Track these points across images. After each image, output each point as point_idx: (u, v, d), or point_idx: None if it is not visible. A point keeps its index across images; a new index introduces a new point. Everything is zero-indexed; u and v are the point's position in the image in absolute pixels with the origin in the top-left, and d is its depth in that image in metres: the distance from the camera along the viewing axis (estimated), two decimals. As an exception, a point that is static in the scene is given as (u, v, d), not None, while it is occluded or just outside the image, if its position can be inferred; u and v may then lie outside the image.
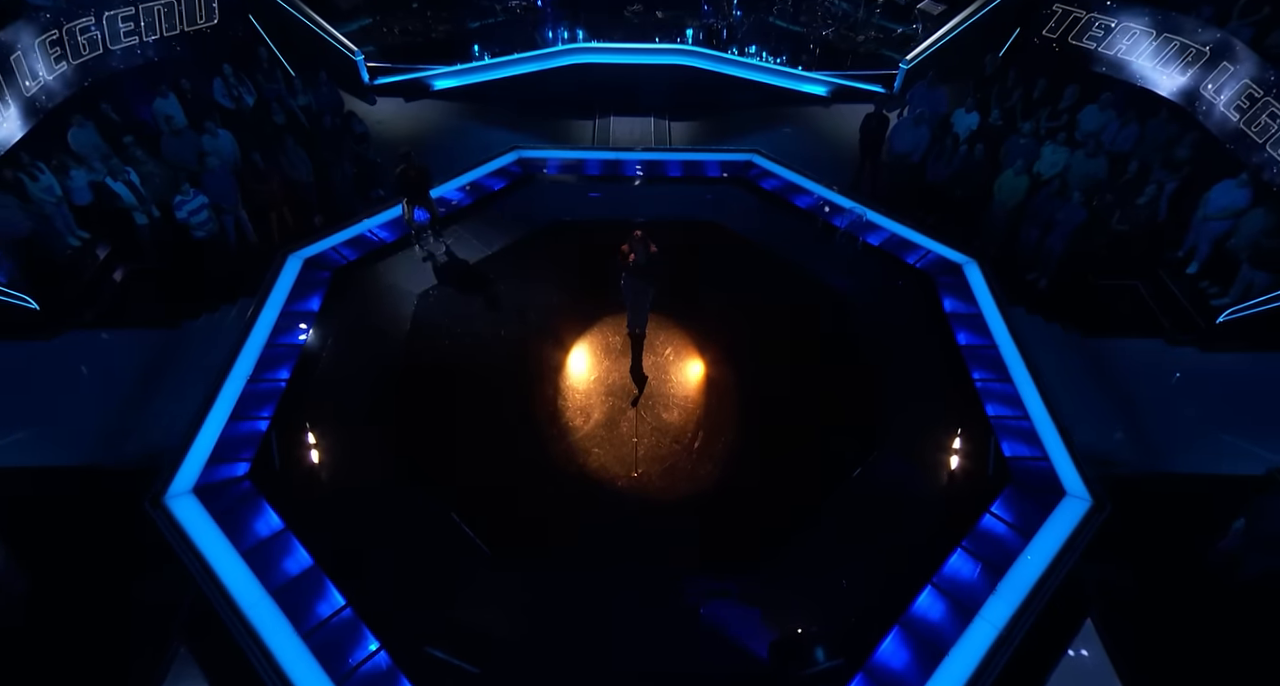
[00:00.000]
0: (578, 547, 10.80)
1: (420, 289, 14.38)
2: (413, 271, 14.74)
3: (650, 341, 13.38)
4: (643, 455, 11.70)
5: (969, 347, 13.41)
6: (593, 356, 13.23)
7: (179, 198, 14.12)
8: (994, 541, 10.94)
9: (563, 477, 11.41)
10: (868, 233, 15.46)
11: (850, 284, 14.52)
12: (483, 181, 16.92)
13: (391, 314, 13.97)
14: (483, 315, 13.95)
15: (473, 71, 20.50)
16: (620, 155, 17.78)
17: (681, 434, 12.08)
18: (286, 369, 12.87)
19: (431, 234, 15.35)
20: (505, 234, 15.64)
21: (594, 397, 12.57)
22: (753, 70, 20.57)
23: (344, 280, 14.44)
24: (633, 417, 12.26)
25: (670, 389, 12.76)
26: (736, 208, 16.47)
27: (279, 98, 17.13)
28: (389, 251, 15.09)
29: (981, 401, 12.54)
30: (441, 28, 21.91)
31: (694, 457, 11.81)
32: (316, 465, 11.68)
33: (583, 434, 12.07)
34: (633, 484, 11.38)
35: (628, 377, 12.84)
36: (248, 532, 10.76)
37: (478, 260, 15.12)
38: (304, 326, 13.53)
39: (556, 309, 13.98)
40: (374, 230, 15.54)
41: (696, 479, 11.47)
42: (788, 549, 10.77)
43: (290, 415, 12.11)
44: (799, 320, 13.87)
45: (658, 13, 22.56)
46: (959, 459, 11.86)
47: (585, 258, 14.67)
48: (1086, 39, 19.01)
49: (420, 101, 20.41)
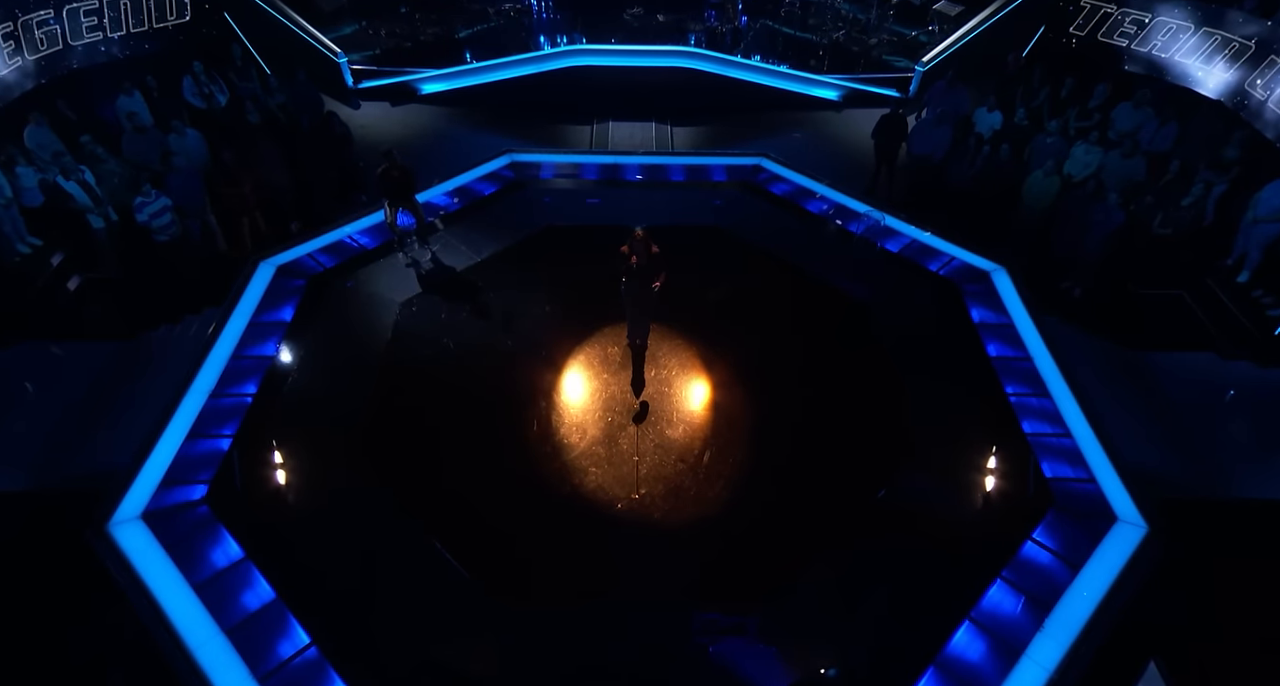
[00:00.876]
0: (572, 578, 9.99)
1: (403, 297, 13.76)
2: (395, 279, 14.13)
3: (652, 352, 12.70)
4: (645, 475, 10.96)
5: (1000, 359, 12.69)
6: (590, 369, 12.57)
7: (139, 199, 13.27)
8: (1038, 571, 10.04)
9: (557, 500, 10.68)
10: (886, 238, 14.89)
11: (868, 292, 13.94)
12: (472, 186, 16.34)
13: (371, 324, 13.30)
14: (471, 326, 13.34)
15: (463, 75, 19.88)
16: (619, 159, 17.20)
17: (687, 451, 11.31)
18: (253, 383, 12.07)
19: (416, 239, 14.76)
20: (496, 240, 15.07)
21: (591, 413, 11.86)
22: (759, 73, 19.99)
23: (320, 288, 13.76)
24: (633, 434, 11.51)
25: (674, 403, 12.05)
26: (745, 213, 15.97)
27: (254, 97, 16.40)
28: (370, 258, 14.47)
29: (1017, 417, 11.77)
30: (430, 31, 21.24)
31: (701, 477, 11.01)
32: (283, 488, 10.83)
33: (579, 452, 11.31)
34: (633, 506, 10.62)
35: (628, 391, 12.15)
36: (202, 563, 9.86)
37: (466, 267, 14.51)
38: (274, 337, 12.79)
39: (551, 319, 13.41)
40: (354, 236, 14.87)
41: (704, 500, 10.74)
42: (806, 578, 9.95)
43: (255, 433, 11.30)
44: (813, 330, 13.31)
45: (659, 16, 22.10)
46: (994, 479, 11.03)
47: (582, 265, 14.05)
48: (1118, 36, 18.39)
49: (407, 106, 19.77)
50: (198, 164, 14.65)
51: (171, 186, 13.86)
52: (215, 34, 18.51)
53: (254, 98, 16.30)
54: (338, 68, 19.37)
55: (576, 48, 19.86)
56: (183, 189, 14.02)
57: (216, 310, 12.96)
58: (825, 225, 15.32)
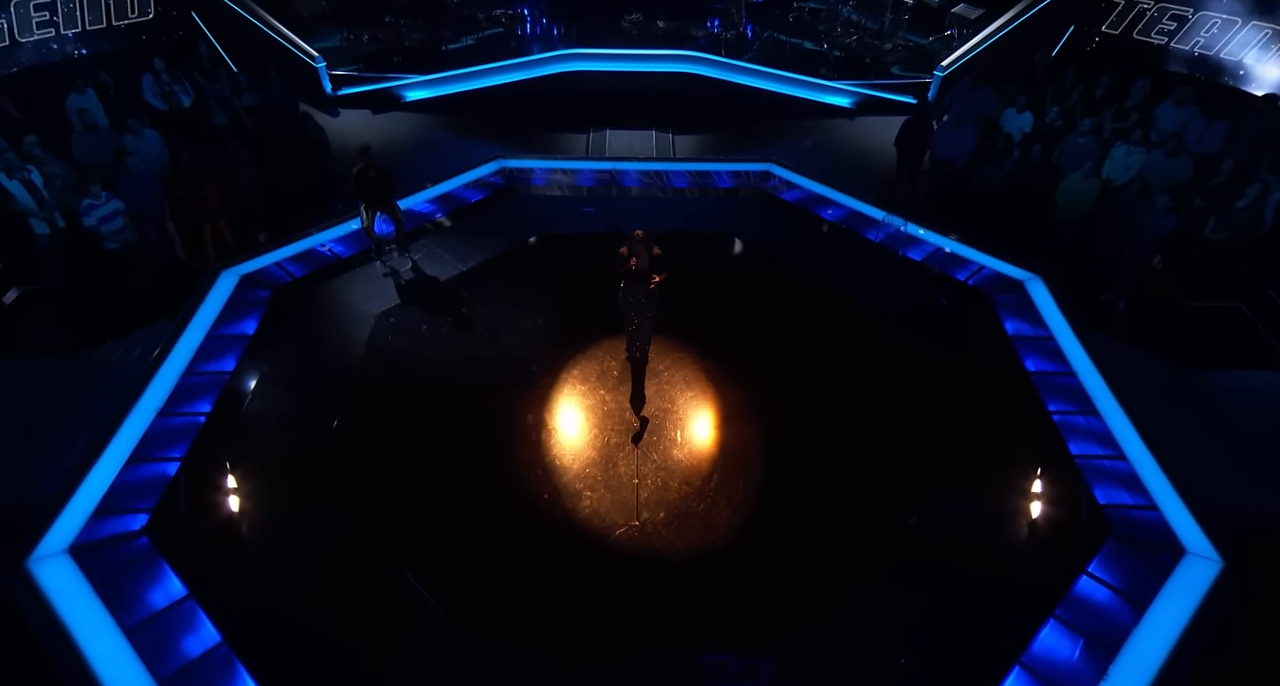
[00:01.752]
0: (564, 615, 9.07)
1: (379, 309, 13.09)
2: (372, 289, 13.49)
3: (654, 367, 11.99)
4: (646, 499, 10.13)
5: (1040, 375, 11.95)
6: (585, 384, 11.81)
7: (87, 201, 12.38)
8: (1097, 610, 9.09)
9: (548, 528, 9.85)
10: (908, 246, 14.38)
11: (891, 303, 13.35)
12: (458, 193, 15.78)
13: (343, 338, 12.58)
14: (454, 339, 12.65)
15: (450, 81, 19.26)
16: (618, 165, 16.61)
17: (692, 474, 10.49)
18: (208, 401, 11.22)
19: (396, 247, 14.15)
20: (483, 249, 14.49)
21: (586, 432, 11.08)
22: (767, 78, 19.37)
23: (287, 299, 13.10)
24: (633, 455, 10.72)
25: (678, 421, 11.26)
26: (753, 220, 15.51)
27: (222, 98, 15.55)
28: (344, 267, 13.94)
29: (1063, 437, 10.97)
30: (416, 37, 20.53)
31: (708, 502, 10.14)
32: (235, 517, 9.93)
33: (572, 475, 10.48)
34: (633, 535, 9.76)
35: (627, 409, 11.40)
36: (138, 602, 8.86)
37: (450, 277, 13.89)
38: (234, 352, 11.98)
39: (542, 332, 12.77)
40: (328, 244, 14.21)
41: (712, 528, 9.87)
42: (828, 618, 9.06)
43: (207, 456, 10.46)
44: (831, 343, 12.63)
45: (659, 22, 21.46)
46: (1041, 505, 10.19)
47: (576, 274, 13.61)
48: (1155, 33, 17.73)
49: (390, 114, 19.04)
50: (155, 167, 13.78)
51: (124, 189, 12.97)
52: (181, 34, 17.64)
53: (221, 99, 15.45)
54: (315, 73, 18.68)
55: (571, 52, 19.23)
56: (137, 192, 13.14)
57: (171, 324, 12.08)
58: (842, 234, 14.82)
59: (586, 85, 19.17)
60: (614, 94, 19.16)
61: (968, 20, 20.06)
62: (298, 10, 20.32)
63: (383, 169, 13.33)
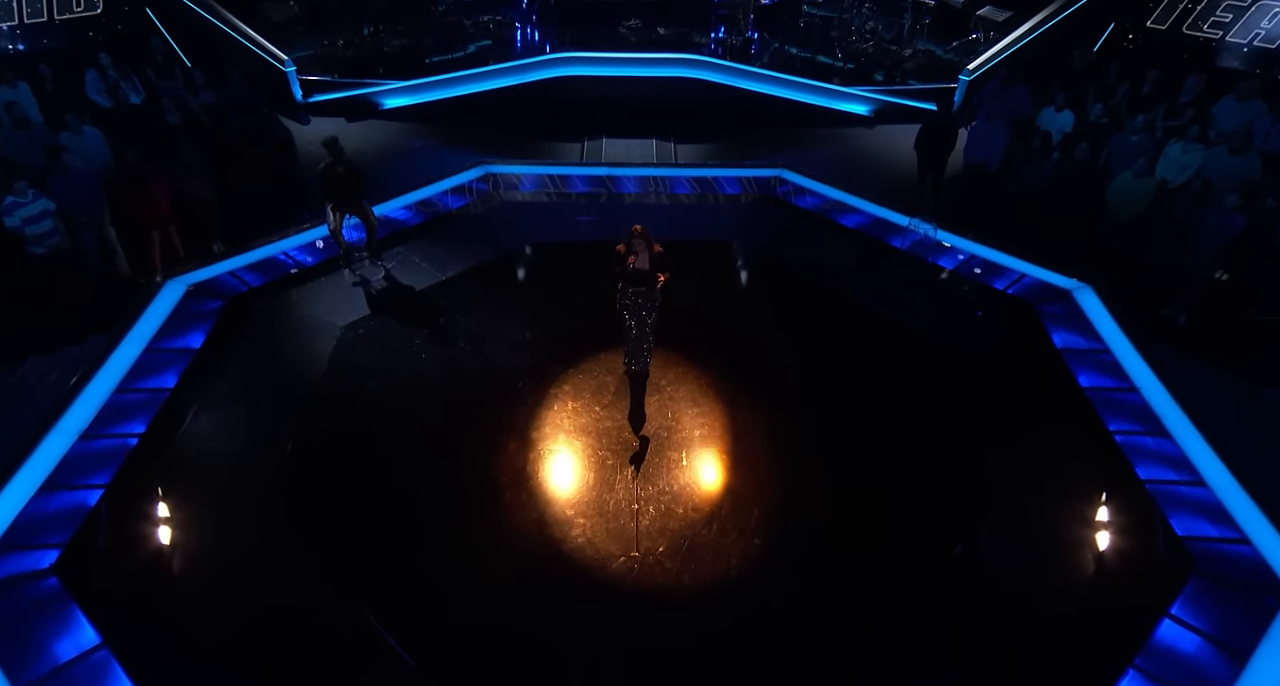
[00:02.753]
0: (552, 667, 8.17)
1: (346, 320, 12.35)
2: (338, 300, 12.77)
3: (656, 382, 11.27)
4: (647, 527, 9.33)
5: (1097, 391, 11.13)
6: (578, 400, 11.08)
7: (10, 198, 11.44)
8: (1185, 661, 8.07)
9: (533, 562, 9.06)
10: (937, 254, 13.80)
11: (920, 314, 12.70)
12: (439, 199, 15.16)
13: (304, 352, 11.85)
14: (431, 353, 11.96)
15: (432, 87, 18.46)
16: (614, 171, 16.05)
17: (700, 500, 9.71)
18: (141, 421, 10.27)
19: (367, 254, 13.47)
20: (464, 258, 13.82)
21: (579, 453, 10.35)
22: (777, 85, 18.58)
23: (241, 310, 12.31)
24: (632, 479, 9.96)
25: (683, 441, 10.49)
26: (764, 228, 14.92)
27: (176, 97, 14.71)
28: (308, 276, 13.18)
29: (1128, 459, 10.09)
30: (396, 43, 19.75)
31: (717, 532, 9.32)
32: (166, 552, 8.94)
33: (562, 500, 9.73)
34: (632, 568, 8.96)
35: (625, 427, 10.64)
36: (41, 652, 7.86)
37: (428, 287, 13.22)
38: (176, 367, 11.11)
39: (530, 344, 12.09)
40: (290, 252, 13.48)
41: (722, 560, 9.06)
42: (860, 669, 8.14)
43: (136, 483, 9.49)
44: (853, 358, 11.91)
45: (659, 29, 20.67)
46: (1109, 536, 9.25)
47: (568, 284, 13.14)
48: (1208, 27, 16.95)
49: (366, 122, 18.17)
50: (97, 167, 12.84)
51: (58, 189, 12.04)
52: (132, 30, 16.80)
53: (176, 97, 14.61)
54: (284, 78, 17.82)
55: (564, 55, 18.43)
56: (74, 193, 12.19)
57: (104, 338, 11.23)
58: (862, 241, 14.28)
59: (581, 91, 18.41)
60: (611, 100, 18.41)
61: (995, 23, 19.38)
62: (268, 15, 19.44)
63: (352, 165, 12.66)
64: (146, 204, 12.77)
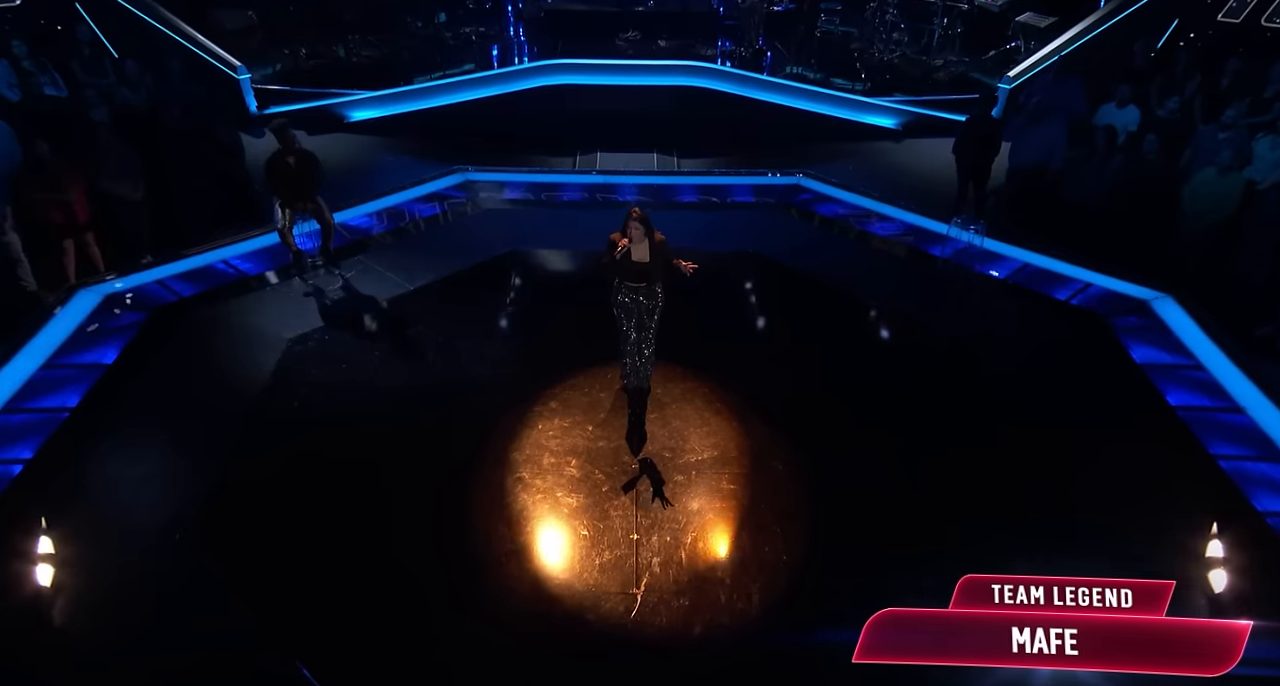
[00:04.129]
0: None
1: (294, 332, 11.75)
2: (286, 311, 12.22)
3: (658, 398, 10.62)
4: (649, 560, 8.56)
5: (1190, 410, 10.45)
6: (566, 418, 10.46)
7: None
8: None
9: (511, 599, 8.27)
10: (986, 262, 13.44)
11: (969, 328, 12.22)
12: (410, 208, 14.89)
13: (241, 367, 11.19)
14: (392, 368, 11.41)
15: (406, 98, 18.09)
16: (611, 179, 15.81)
17: (713, 530, 8.96)
18: (28, 445, 9.53)
19: (322, 259, 13.02)
20: (437, 267, 13.36)
21: (567, 477, 9.60)
22: (793, 95, 18.18)
23: (168, 322, 11.75)
24: (631, 505, 9.18)
25: (694, 464, 9.78)
26: (784, 237, 14.58)
27: (105, 91, 14.31)
28: (251, 286, 12.75)
29: (1240, 489, 9.31)
30: (366, 53, 19.22)
31: (734, 567, 8.52)
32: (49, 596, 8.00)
33: (547, 530, 8.96)
34: (632, 608, 8.14)
35: (622, 449, 9.95)
36: None
37: (393, 297, 12.73)
38: (81, 384, 10.42)
39: (509, 359, 11.58)
40: (232, 261, 13.02)
41: (737, 600, 8.24)
42: None
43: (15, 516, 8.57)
44: (893, 375, 11.31)
45: (660, 41, 20.17)
46: (1233, 581, 8.12)
47: (554, 294, 12.96)
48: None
49: (330, 136, 17.59)
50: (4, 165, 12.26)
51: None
52: (58, 22, 16.41)
53: (104, 91, 14.21)
54: (236, 86, 17.31)
55: (555, 62, 18.18)
56: (-32, 194, 11.49)
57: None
58: (897, 248, 14.10)
59: (573, 101, 18.07)
60: (607, 112, 18.04)
61: (1036, 29, 18.88)
62: (221, 24, 18.84)
63: (306, 154, 12.24)
64: (60, 207, 12.14)
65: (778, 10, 20.70)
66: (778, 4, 20.76)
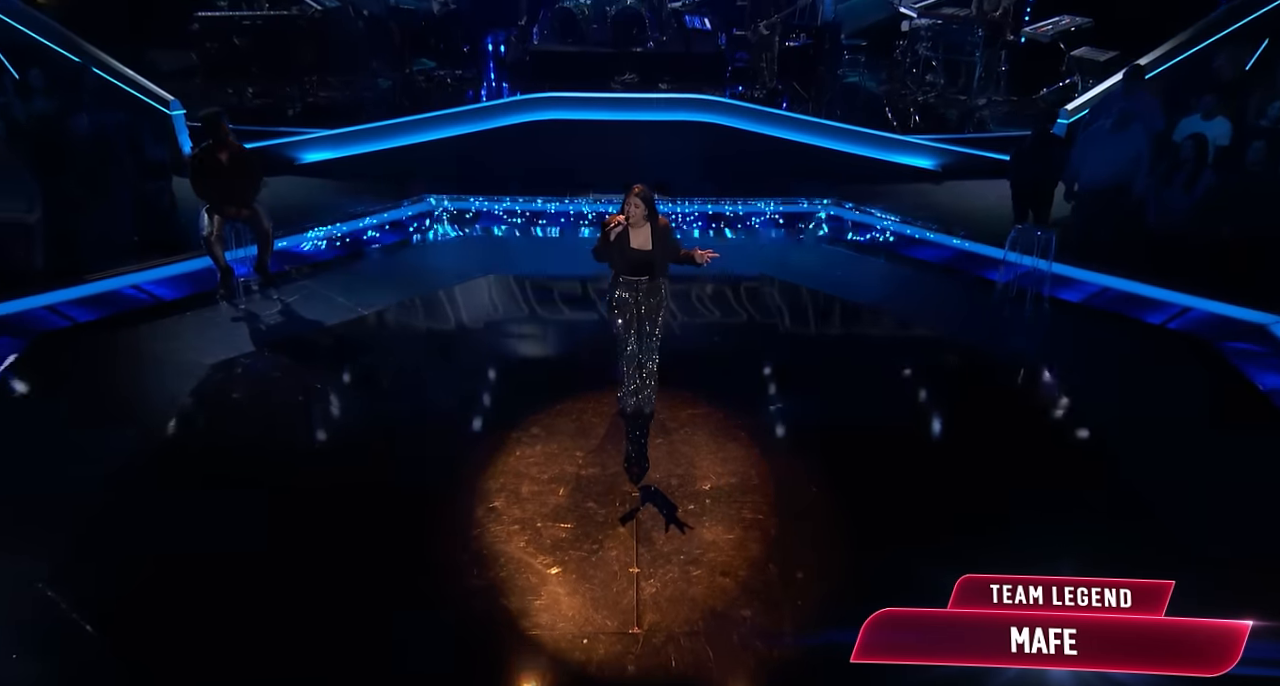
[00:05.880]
0: None
1: (216, 357, 11.41)
2: (208, 336, 11.89)
3: (663, 424, 10.24)
4: (654, 596, 8.09)
5: None
6: (550, 444, 10.08)
7: None
8: None
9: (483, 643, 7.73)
10: (1057, 287, 13.37)
11: (1039, 355, 12.25)
12: (369, 234, 14.95)
13: (143, 397, 10.79)
14: (336, 395, 11.16)
15: (365, 137, 17.66)
16: (602, 207, 15.58)
17: (728, 564, 8.47)
18: None
19: (258, 276, 12.61)
20: (397, 291, 13.33)
21: (550, 506, 9.16)
22: (813, 131, 17.90)
23: (54, 350, 11.51)
24: (630, 536, 8.79)
25: (703, 492, 9.39)
26: (810, 260, 14.81)
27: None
28: (167, 310, 12.42)
29: None
30: (324, 94, 18.94)
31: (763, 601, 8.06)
32: None
33: (524, 563, 8.43)
34: (631, 648, 7.62)
35: (619, 476, 9.56)
36: None
37: (341, 322, 12.46)
38: None
39: (480, 385, 11.32)
40: (145, 286, 12.78)
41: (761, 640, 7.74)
42: None
43: None
44: (955, 404, 11.16)
45: (661, 85, 19.75)
46: None
47: (535, 319, 12.91)
48: None
49: (278, 179, 16.72)
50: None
51: None
52: None
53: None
54: (167, 123, 16.87)
55: (540, 96, 17.98)
56: None
57: None
58: (947, 273, 14.41)
59: (563, 141, 17.85)
60: (601, 152, 17.64)
61: (1095, 64, 18.57)
62: (155, 64, 18.68)
63: (241, 150, 12.14)
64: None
65: (792, 45, 20.45)
66: (792, 38, 20.50)
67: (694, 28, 21.25)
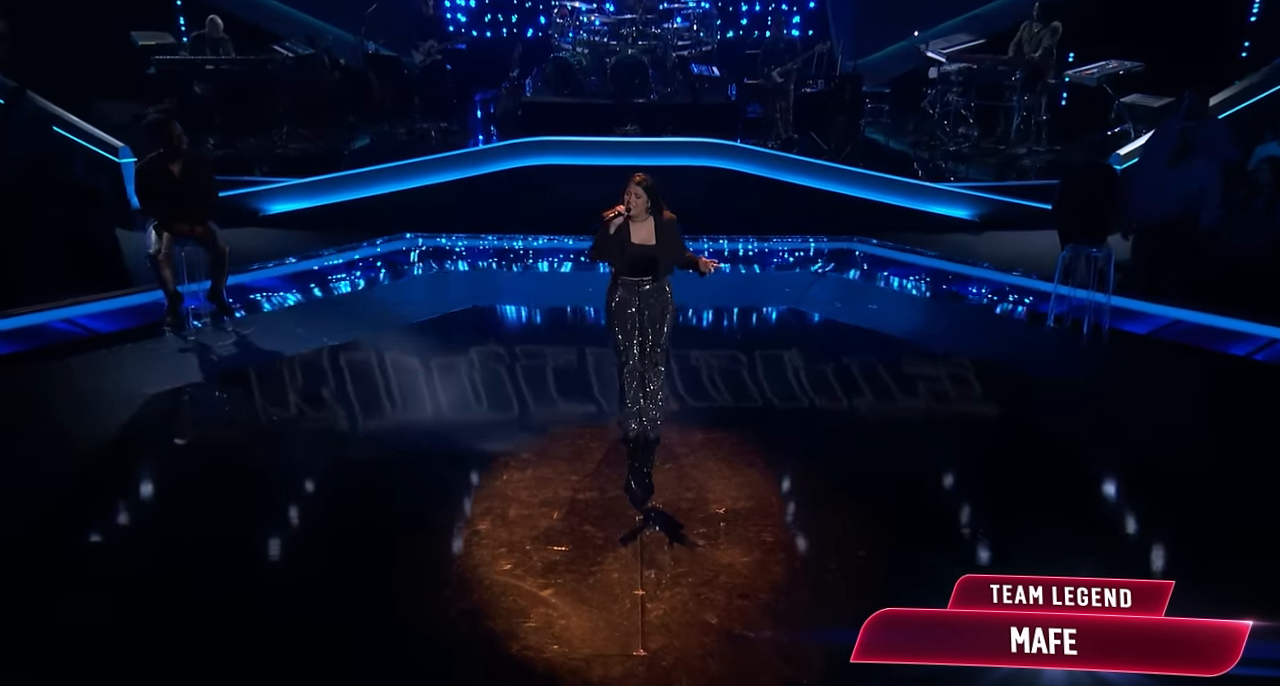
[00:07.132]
0: None
1: (159, 387, 11.28)
2: (151, 367, 11.70)
3: (670, 449, 10.17)
4: (661, 618, 7.90)
5: None
6: (543, 468, 9.98)
7: None
8: None
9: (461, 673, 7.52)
10: (1118, 320, 13.35)
11: (1105, 388, 12.14)
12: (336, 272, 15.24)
13: (76, 429, 10.48)
14: (295, 424, 11.02)
15: (337, 186, 17.67)
16: None
17: (743, 585, 8.36)
18: None
19: (211, 303, 12.52)
20: (368, 324, 13.40)
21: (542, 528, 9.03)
22: (836, 178, 17.86)
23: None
24: (633, 558, 8.65)
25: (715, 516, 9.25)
26: (840, 296, 14.97)
27: None
28: (104, 342, 12.22)
29: None
30: (294, 146, 18.77)
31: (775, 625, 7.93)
32: None
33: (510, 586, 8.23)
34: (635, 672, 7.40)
35: (620, 500, 9.44)
36: None
37: (302, 353, 12.39)
38: None
39: (461, 413, 11.26)
40: (78, 319, 12.61)
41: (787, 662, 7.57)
42: None
43: None
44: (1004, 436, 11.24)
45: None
46: None
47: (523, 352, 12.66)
48: None
49: (239, 231, 16.51)
50: None
51: None
52: None
53: None
54: (116, 171, 16.98)
55: (531, 140, 18.02)
56: None
57: None
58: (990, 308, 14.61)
59: (555, 188, 17.83)
60: (598, 201, 16.86)
61: (1149, 110, 18.40)
62: (107, 115, 18.68)
63: (195, 158, 12.31)
64: None
65: (809, 92, 20.36)
66: (809, 85, 20.57)
67: (701, 74, 21.22)
